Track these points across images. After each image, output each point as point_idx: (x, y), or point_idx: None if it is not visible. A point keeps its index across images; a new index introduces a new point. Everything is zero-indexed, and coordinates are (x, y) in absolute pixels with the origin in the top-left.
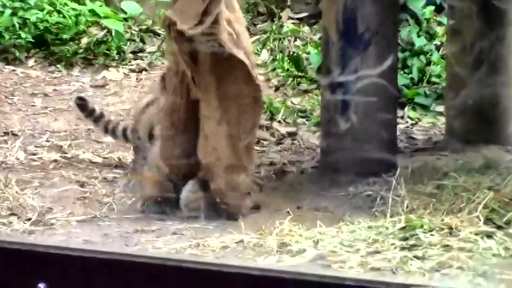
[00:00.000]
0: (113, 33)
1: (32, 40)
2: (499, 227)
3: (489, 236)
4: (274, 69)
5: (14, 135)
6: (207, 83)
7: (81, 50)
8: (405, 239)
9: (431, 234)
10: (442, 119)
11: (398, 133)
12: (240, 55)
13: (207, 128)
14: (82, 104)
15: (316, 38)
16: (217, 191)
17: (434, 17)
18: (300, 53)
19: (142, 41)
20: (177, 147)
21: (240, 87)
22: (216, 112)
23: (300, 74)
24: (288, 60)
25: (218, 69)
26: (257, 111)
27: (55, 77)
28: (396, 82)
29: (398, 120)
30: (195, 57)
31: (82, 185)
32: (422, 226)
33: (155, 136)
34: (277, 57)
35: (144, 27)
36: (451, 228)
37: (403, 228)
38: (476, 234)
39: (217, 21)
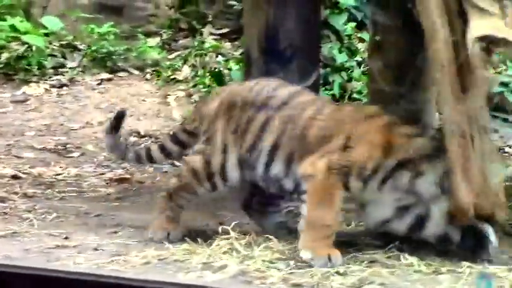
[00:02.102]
0: (34, 49)
1: None
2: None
3: (410, 252)
4: (195, 85)
5: None
6: None
7: (1, 65)
8: None
9: (362, 251)
10: None
11: None
12: None
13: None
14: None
15: (237, 53)
16: (502, 219)
17: (356, 34)
18: (222, 68)
19: (63, 56)
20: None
21: None
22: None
23: None
24: (210, 76)
25: None
26: None
27: None
28: None
29: None
30: None
31: (2, 201)
32: (352, 244)
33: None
34: (199, 73)
35: (65, 42)
36: (380, 245)
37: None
38: (400, 250)
39: None
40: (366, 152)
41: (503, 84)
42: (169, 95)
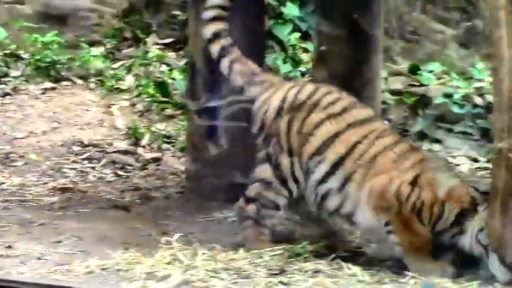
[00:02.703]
0: None
1: None
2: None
3: (354, 262)
4: (139, 95)
5: None
6: None
7: None
8: (276, 265)
9: (306, 260)
10: None
11: None
12: None
13: None
14: None
15: (182, 63)
16: None
17: (300, 44)
18: (166, 78)
19: (6, 65)
20: None
21: None
22: None
23: (165, 99)
24: (154, 86)
25: None
26: None
27: None
28: None
29: None
30: None
31: None
32: (298, 254)
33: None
34: (143, 83)
35: (8, 51)
36: (323, 255)
37: (274, 254)
38: (343, 260)
39: None
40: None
41: (447, 95)
42: (113, 104)
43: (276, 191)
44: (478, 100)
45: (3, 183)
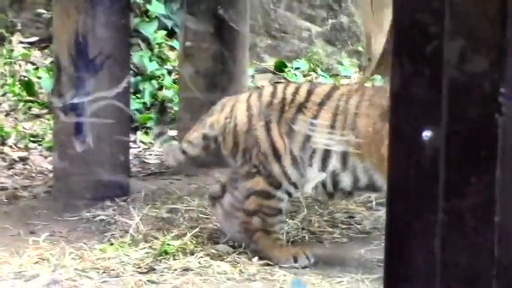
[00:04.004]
0: None
1: None
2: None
3: (223, 259)
4: (4, 94)
5: None
6: None
7: None
8: (145, 263)
9: (174, 258)
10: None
11: (131, 157)
12: None
13: None
14: None
15: (47, 62)
16: None
17: (166, 42)
18: (32, 77)
19: None
20: None
21: None
22: None
23: (31, 98)
24: (19, 85)
25: None
26: None
27: None
28: (129, 106)
29: (131, 144)
30: None
31: None
32: (165, 252)
33: None
34: (8, 82)
35: None
36: (192, 253)
37: (144, 252)
38: (212, 258)
39: None
40: None
41: None
42: None
43: (276, 197)
44: None
45: None
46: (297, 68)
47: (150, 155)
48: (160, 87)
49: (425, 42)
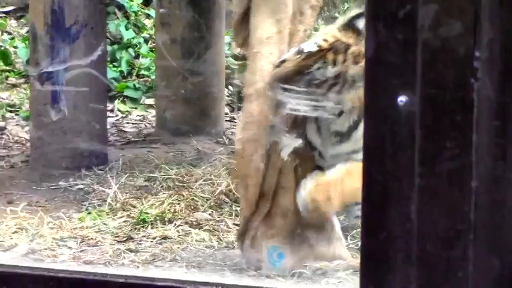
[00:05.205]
0: None
1: None
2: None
3: (201, 227)
4: None
5: None
6: None
7: None
8: (123, 232)
9: (152, 227)
10: (153, 112)
11: (108, 126)
12: None
13: None
14: None
15: (23, 31)
16: None
17: (142, 10)
18: (8, 46)
19: None
20: None
21: None
22: None
23: (7, 68)
24: None
25: None
26: None
27: None
28: (106, 74)
29: (108, 113)
30: None
31: None
32: (144, 220)
33: None
34: None
35: None
36: (170, 221)
37: (122, 220)
38: (191, 226)
39: None
40: None
41: None
42: None
43: None
44: None
45: None
46: None
47: (128, 123)
48: (137, 56)
49: (399, 6)
